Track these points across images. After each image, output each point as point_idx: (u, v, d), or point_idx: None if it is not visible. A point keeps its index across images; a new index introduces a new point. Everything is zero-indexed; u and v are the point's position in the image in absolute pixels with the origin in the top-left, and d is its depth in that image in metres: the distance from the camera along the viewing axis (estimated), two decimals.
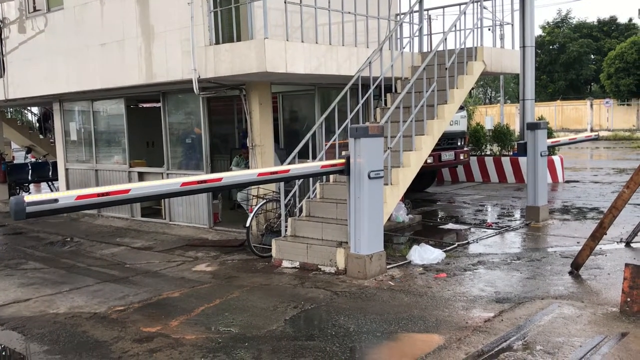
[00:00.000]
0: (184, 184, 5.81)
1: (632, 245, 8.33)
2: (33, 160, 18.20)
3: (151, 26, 9.78)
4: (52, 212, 5.06)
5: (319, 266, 7.58)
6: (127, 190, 5.36)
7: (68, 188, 13.37)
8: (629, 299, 5.45)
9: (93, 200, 5.17)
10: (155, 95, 11.20)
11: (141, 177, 11.65)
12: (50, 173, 16.44)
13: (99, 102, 12.57)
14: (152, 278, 7.75)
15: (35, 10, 12.27)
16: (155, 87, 10.48)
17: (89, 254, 9.48)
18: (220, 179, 6.13)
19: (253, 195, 9.25)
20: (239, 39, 8.65)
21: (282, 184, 8.28)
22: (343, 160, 7.17)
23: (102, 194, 5.19)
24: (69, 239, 10.66)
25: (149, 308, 6.44)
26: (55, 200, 4.89)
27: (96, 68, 10.87)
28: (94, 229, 11.55)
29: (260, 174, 6.66)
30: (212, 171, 10.52)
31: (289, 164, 8.55)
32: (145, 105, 13.53)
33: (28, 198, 4.79)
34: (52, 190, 16.90)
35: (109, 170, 12.40)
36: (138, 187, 5.59)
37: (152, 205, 11.77)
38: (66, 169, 13.49)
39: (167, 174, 10.96)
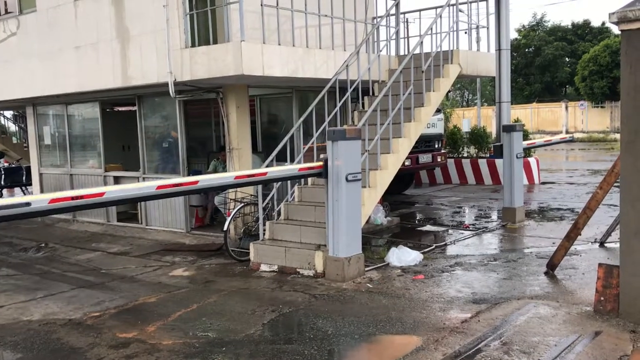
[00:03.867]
0: (159, 187, 5.76)
1: (606, 245, 8.46)
2: (6, 165, 17.89)
3: (126, 29, 9.69)
4: (25, 216, 4.97)
5: (298, 269, 7.56)
6: (102, 194, 5.28)
7: (42, 193, 13.16)
8: (602, 298, 5.52)
9: (67, 203, 5.09)
10: (130, 99, 11.08)
11: (117, 181, 11.51)
12: (24, 178, 16.17)
13: (74, 105, 12.41)
14: (128, 283, 7.65)
15: (6, 12, 12.07)
16: (130, 90, 10.38)
17: (63, 259, 9.34)
18: (196, 182, 6.09)
19: (231, 199, 9.20)
20: (215, 42, 8.60)
21: (260, 187, 8.24)
22: (321, 163, 7.18)
23: (76, 197, 5.11)
24: (43, 245, 10.49)
25: (125, 314, 6.36)
26: (28, 204, 4.80)
27: (71, 71, 10.73)
28: (69, 234, 11.38)
29: (237, 177, 6.62)
30: (189, 175, 10.45)
31: (267, 167, 8.53)
32: (120, 108, 13.39)
33: None
34: (25, 195, 16.64)
35: (84, 175, 12.23)
36: (113, 191, 5.52)
37: (128, 209, 11.64)
38: (40, 174, 13.28)
39: (144, 177, 10.84)
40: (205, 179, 6.34)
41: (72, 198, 5.11)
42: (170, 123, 10.49)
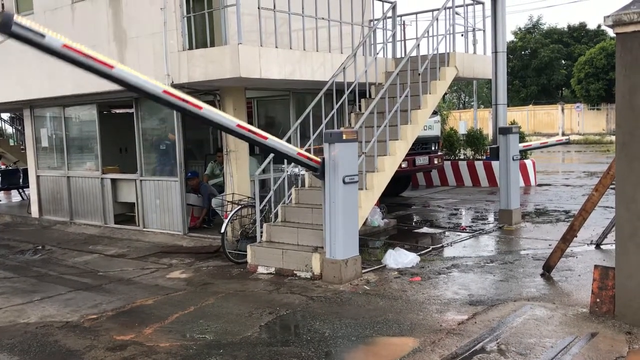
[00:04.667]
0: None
1: (602, 247, 8.49)
2: (3, 167, 17.88)
3: (123, 31, 9.71)
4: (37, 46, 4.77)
5: (295, 271, 7.57)
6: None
7: (39, 195, 13.16)
8: (598, 300, 5.55)
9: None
10: (128, 101, 11.09)
11: (114, 183, 11.52)
12: (21, 180, 16.19)
13: (71, 108, 12.40)
14: (125, 286, 7.66)
15: None
16: (128, 92, 10.36)
17: (60, 262, 9.33)
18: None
19: (228, 201, 9.21)
20: (212, 45, 8.63)
21: (257, 189, 8.26)
22: (319, 160, 7.12)
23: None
24: (40, 247, 10.49)
25: (123, 316, 6.37)
26: (42, 36, 4.69)
27: (68, 74, 10.69)
28: (66, 237, 11.37)
29: (238, 125, 6.39)
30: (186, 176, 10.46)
31: (264, 170, 8.55)
32: (118, 110, 13.39)
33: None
34: (22, 198, 16.64)
35: (81, 177, 12.22)
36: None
37: (126, 212, 11.64)
38: (37, 176, 13.26)
39: (141, 180, 10.85)
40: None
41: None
42: (168, 125, 10.50)
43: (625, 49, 5.16)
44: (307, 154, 7.24)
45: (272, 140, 6.77)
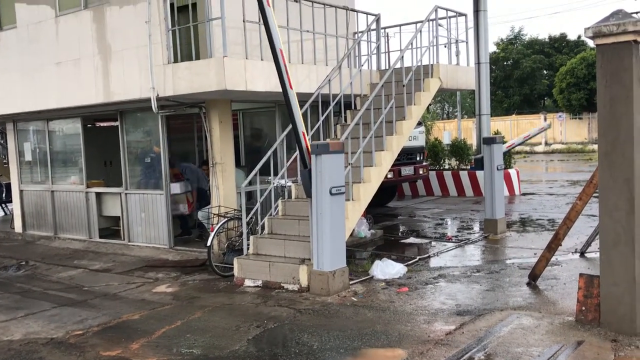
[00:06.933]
0: None
1: (586, 255, 8.57)
2: None
3: (108, 45, 9.68)
4: None
5: (282, 284, 7.55)
6: None
7: (23, 210, 13.02)
8: (583, 308, 5.60)
9: None
10: (112, 114, 11.04)
11: (99, 197, 11.43)
12: (4, 195, 16.03)
13: (55, 121, 12.32)
14: (111, 301, 7.58)
15: None
16: (112, 105, 10.34)
17: (45, 277, 9.22)
18: None
19: (214, 214, 9.18)
20: (197, 57, 8.63)
21: (243, 201, 8.24)
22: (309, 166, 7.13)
23: None
24: (24, 263, 10.36)
25: (109, 331, 6.30)
26: None
27: (52, 87, 10.68)
28: (51, 252, 11.25)
29: None
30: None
31: (250, 182, 8.54)
32: (102, 124, 13.32)
33: None
34: (5, 213, 16.46)
35: (65, 191, 12.12)
36: None
37: (111, 226, 11.54)
38: (21, 191, 13.12)
39: (126, 193, 10.78)
40: None
41: None
42: (153, 138, 10.46)
43: (605, 59, 5.25)
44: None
45: None
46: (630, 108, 5.14)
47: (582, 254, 8.61)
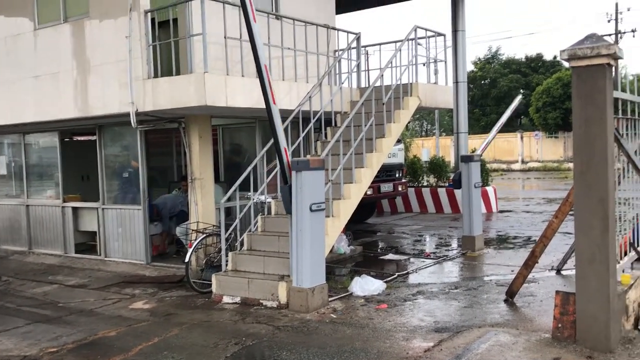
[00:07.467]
0: None
1: (562, 272, 8.68)
2: None
3: (87, 59, 9.63)
4: None
5: (261, 301, 7.51)
6: None
7: None
8: (560, 325, 5.66)
9: None
10: (91, 128, 10.95)
11: (75, 212, 11.29)
12: None
13: (32, 135, 12.17)
14: (87, 317, 7.46)
15: None
16: (91, 120, 10.26)
17: (18, 293, 9.05)
18: None
19: (192, 230, 9.12)
20: (178, 73, 8.63)
21: (222, 217, 8.21)
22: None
23: None
24: None
25: (84, 348, 6.20)
26: None
27: (30, 101, 10.57)
28: (25, 267, 11.05)
29: None
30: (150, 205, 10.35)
31: (230, 198, 8.51)
32: (80, 138, 13.19)
33: None
34: None
35: (41, 206, 11.94)
36: None
37: (87, 241, 11.39)
38: None
39: (103, 208, 10.66)
40: None
41: None
42: (131, 153, 10.39)
43: (580, 81, 5.37)
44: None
45: None
46: (604, 129, 5.25)
47: (558, 272, 8.72)
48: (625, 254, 6.14)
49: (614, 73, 5.47)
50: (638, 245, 6.42)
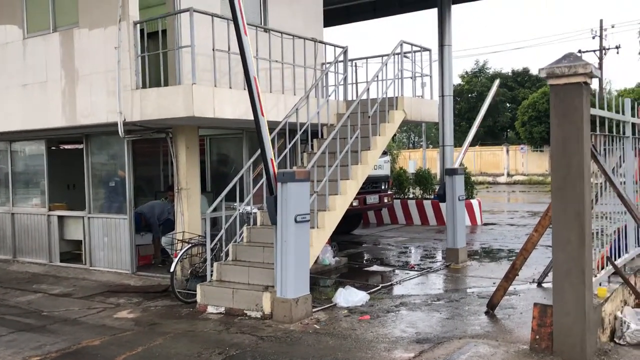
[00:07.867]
0: None
1: (543, 285, 8.82)
2: None
3: (76, 68, 9.69)
4: None
5: (245, 311, 7.56)
6: None
7: None
8: (537, 337, 5.77)
9: None
10: (78, 137, 10.98)
11: (61, 220, 11.27)
12: None
13: (18, 143, 12.16)
14: (71, 326, 7.47)
15: None
16: (78, 129, 10.29)
17: (2, 302, 9.01)
18: None
19: (178, 240, 9.16)
20: (166, 83, 8.71)
21: (208, 227, 8.26)
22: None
23: None
24: None
25: (68, 357, 6.22)
26: None
27: (17, 109, 10.59)
28: (8, 275, 11.00)
29: None
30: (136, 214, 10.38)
31: (215, 208, 8.58)
32: (66, 146, 13.19)
33: None
34: None
35: (27, 214, 11.91)
36: None
37: (72, 249, 11.37)
38: None
39: (89, 217, 10.67)
40: None
41: None
42: (118, 162, 10.42)
43: (558, 99, 5.53)
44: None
45: None
46: (580, 145, 5.40)
47: (539, 284, 8.86)
48: (603, 267, 6.29)
49: (598, 90, 5.64)
50: (615, 259, 6.57)
